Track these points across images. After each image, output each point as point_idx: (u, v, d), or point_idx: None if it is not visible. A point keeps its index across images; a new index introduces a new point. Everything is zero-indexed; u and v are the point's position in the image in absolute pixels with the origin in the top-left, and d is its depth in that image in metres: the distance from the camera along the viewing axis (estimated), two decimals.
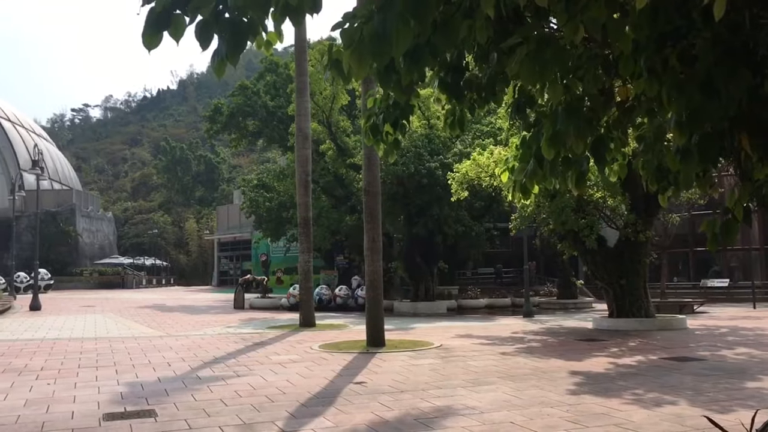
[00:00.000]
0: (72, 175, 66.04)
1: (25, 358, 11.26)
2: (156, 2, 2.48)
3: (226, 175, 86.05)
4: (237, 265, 54.44)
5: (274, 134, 33.11)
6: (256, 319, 20.41)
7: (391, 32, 2.43)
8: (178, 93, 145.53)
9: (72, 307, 26.37)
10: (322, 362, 10.62)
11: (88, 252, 55.84)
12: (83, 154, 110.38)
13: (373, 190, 13.49)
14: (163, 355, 11.72)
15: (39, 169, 28.02)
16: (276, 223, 28.84)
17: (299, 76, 18.62)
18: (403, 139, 4.66)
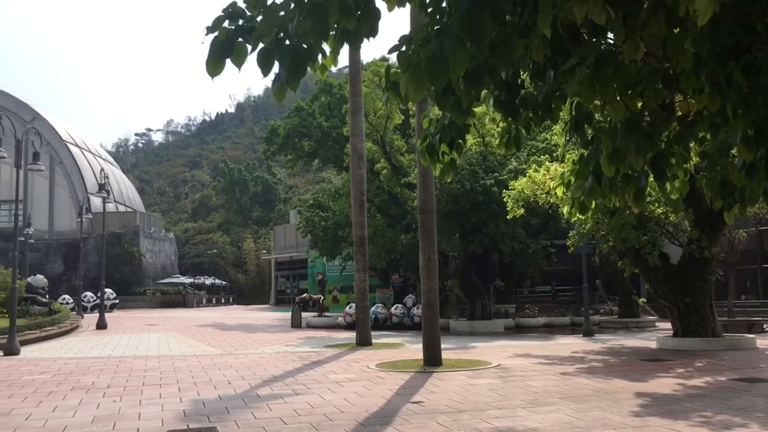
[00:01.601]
0: (136, 197, 68.11)
1: (92, 376, 11.60)
2: (219, 31, 2.57)
3: (282, 196, 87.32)
4: (294, 284, 55.02)
5: (329, 154, 33.52)
6: (313, 337, 20.56)
7: (448, 55, 2.47)
8: (236, 116, 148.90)
9: (136, 325, 27.07)
10: (380, 381, 10.61)
11: (150, 272, 57.34)
12: (146, 177, 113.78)
13: (428, 209, 13.49)
14: (223, 373, 11.91)
15: (105, 192, 29.03)
16: (331, 243, 29.09)
17: (353, 96, 18.84)
18: (458, 158, 4.67)
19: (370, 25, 2.85)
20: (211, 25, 2.53)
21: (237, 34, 2.56)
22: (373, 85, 23.79)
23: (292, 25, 2.47)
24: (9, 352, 15.29)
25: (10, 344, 15.46)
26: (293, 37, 2.57)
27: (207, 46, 2.63)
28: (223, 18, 2.56)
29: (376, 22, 2.91)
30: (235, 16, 2.56)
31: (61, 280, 48.31)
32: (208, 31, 2.61)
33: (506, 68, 3.32)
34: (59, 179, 54.69)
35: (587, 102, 3.45)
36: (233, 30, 2.55)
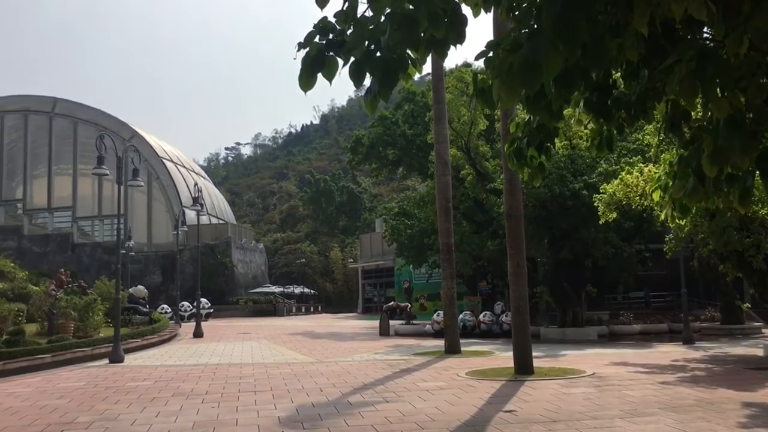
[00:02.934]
0: (227, 209, 70.39)
1: (191, 383, 12.04)
2: (310, 47, 2.63)
3: (367, 204, 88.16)
4: (381, 292, 55.34)
5: (413, 162, 33.61)
6: (401, 345, 20.60)
7: (541, 59, 2.43)
8: (321, 127, 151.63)
9: (230, 334, 27.90)
10: (470, 389, 10.51)
11: (242, 281, 59.04)
12: (236, 189, 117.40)
13: (515, 214, 13.29)
14: (315, 380, 12.10)
15: (199, 206, 30.14)
16: (418, 250, 29.09)
17: (437, 103, 18.82)
18: (547, 162, 4.59)
19: (457, 32, 2.85)
20: (303, 41, 2.59)
21: (328, 48, 2.61)
22: (456, 92, 23.70)
23: (383, 37, 2.50)
24: (114, 359, 16.08)
25: (115, 352, 16.26)
26: (384, 49, 2.59)
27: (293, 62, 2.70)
28: (314, 33, 2.62)
29: (463, 28, 2.90)
30: (325, 31, 2.61)
31: (160, 291, 50.42)
32: (299, 47, 2.67)
33: (599, 69, 3.23)
34: (156, 194, 57.24)
35: (689, 101, 3.31)
36: (324, 44, 2.61)
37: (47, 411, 9.18)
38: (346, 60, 2.60)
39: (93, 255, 56.36)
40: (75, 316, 19.28)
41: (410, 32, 2.47)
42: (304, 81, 2.69)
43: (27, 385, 12.17)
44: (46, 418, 8.67)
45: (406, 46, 2.59)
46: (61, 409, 9.33)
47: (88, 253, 56.76)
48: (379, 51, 2.60)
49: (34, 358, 15.02)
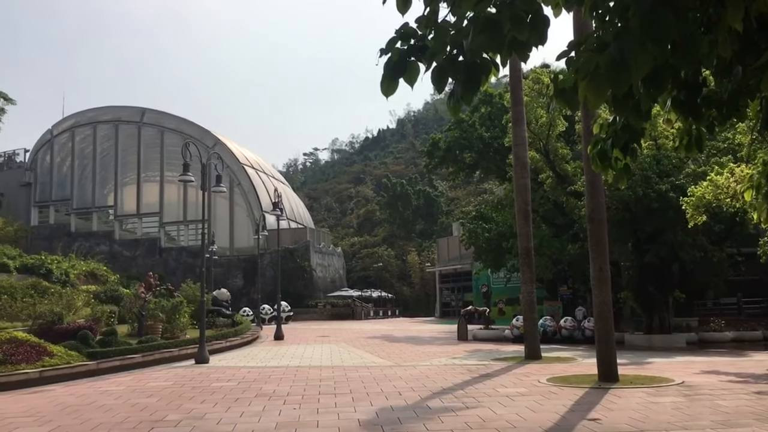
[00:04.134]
0: (305, 214, 71.59)
1: (273, 384, 12.30)
2: (392, 52, 2.65)
3: (444, 208, 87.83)
4: (458, 297, 55.00)
5: (490, 165, 33.29)
6: (480, 350, 20.41)
7: (629, 59, 2.36)
8: (397, 131, 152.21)
9: (309, 337, 28.35)
10: (552, 396, 10.31)
11: (321, 285, 59.89)
12: (314, 194, 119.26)
13: (598, 217, 12.96)
14: (393, 384, 12.13)
15: (278, 210, 30.83)
16: (496, 254, 28.76)
17: (515, 105, 18.59)
18: (632, 163, 4.45)
19: (539, 34, 2.81)
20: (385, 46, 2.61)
21: (409, 53, 2.62)
22: (533, 94, 23.31)
23: (465, 41, 2.49)
24: (200, 360, 16.62)
25: (200, 353, 16.80)
26: (467, 53, 2.58)
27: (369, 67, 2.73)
28: (396, 39, 2.63)
29: (545, 30, 2.86)
30: (407, 37, 2.63)
31: (242, 294, 51.73)
32: (381, 53, 2.70)
33: (689, 67, 3.11)
34: (238, 199, 58.81)
35: None
36: (405, 50, 2.62)
37: (138, 409, 9.57)
38: (427, 65, 2.61)
39: (179, 259, 58.44)
40: (163, 318, 20.04)
41: (493, 36, 2.45)
42: (386, 86, 2.71)
43: (119, 384, 12.73)
44: (137, 415, 9.04)
45: (489, 49, 2.57)
46: (151, 407, 9.71)
47: (174, 257, 58.89)
48: (462, 55, 2.59)
49: (125, 357, 15.71)
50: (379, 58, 2.68)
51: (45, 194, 64.63)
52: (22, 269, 29.27)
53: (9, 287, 21.18)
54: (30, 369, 13.01)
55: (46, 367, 13.37)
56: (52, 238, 59.88)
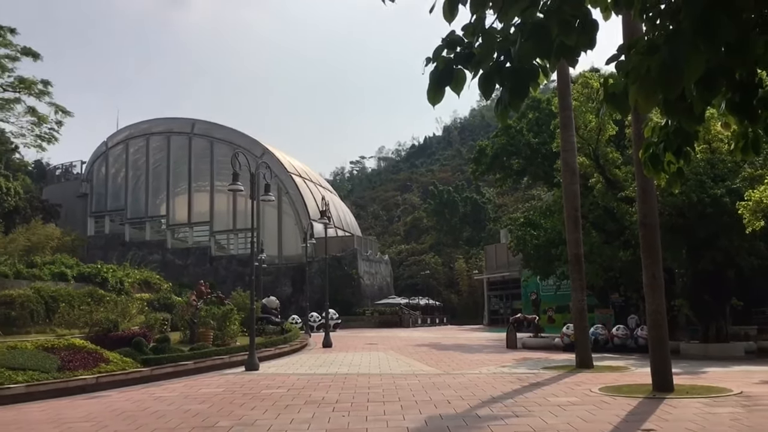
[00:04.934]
0: (352, 222, 71.98)
1: (322, 391, 12.37)
2: (438, 61, 2.65)
3: (492, 215, 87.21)
4: (507, 304, 54.47)
5: (538, 171, 32.95)
6: (529, 358, 20.16)
7: (681, 61, 2.31)
8: (443, 138, 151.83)
9: (357, 344, 28.42)
10: (604, 406, 10.10)
11: (368, 293, 60.07)
12: (361, 202, 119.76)
13: (650, 223, 12.68)
14: (442, 392, 12.07)
15: (326, 219, 31.05)
16: (544, 261, 28.40)
17: (563, 110, 18.36)
18: (686, 167, 4.35)
19: (588, 38, 2.77)
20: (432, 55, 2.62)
21: (456, 61, 2.62)
22: (582, 98, 23.00)
23: (513, 48, 2.48)
24: (250, 367, 16.83)
25: (250, 360, 17.02)
26: (515, 60, 2.57)
27: (414, 75, 2.74)
28: (442, 47, 2.64)
29: (594, 34, 2.82)
30: (453, 45, 2.63)
31: (290, 302, 52.24)
32: (427, 62, 2.70)
33: (744, 69, 3.03)
34: (286, 208, 59.50)
35: None
36: (452, 58, 2.62)
37: (190, 415, 9.74)
38: (474, 72, 2.60)
39: (229, 267, 59.37)
40: (214, 325, 20.36)
41: (541, 41, 2.43)
42: (432, 95, 2.71)
43: (172, 390, 12.98)
44: (190, 421, 9.19)
45: (537, 55, 2.55)
46: (203, 413, 9.87)
47: (224, 265, 59.85)
48: (509, 62, 2.58)
49: (178, 364, 16.01)
50: (425, 67, 2.69)
51: (101, 205, 66.52)
52: (80, 278, 30.15)
53: (67, 295, 21.83)
54: (87, 375, 13.37)
55: (103, 374, 13.72)
56: (108, 247, 61.57)
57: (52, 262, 32.58)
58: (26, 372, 12.46)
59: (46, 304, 20.44)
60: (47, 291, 21.50)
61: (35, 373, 12.57)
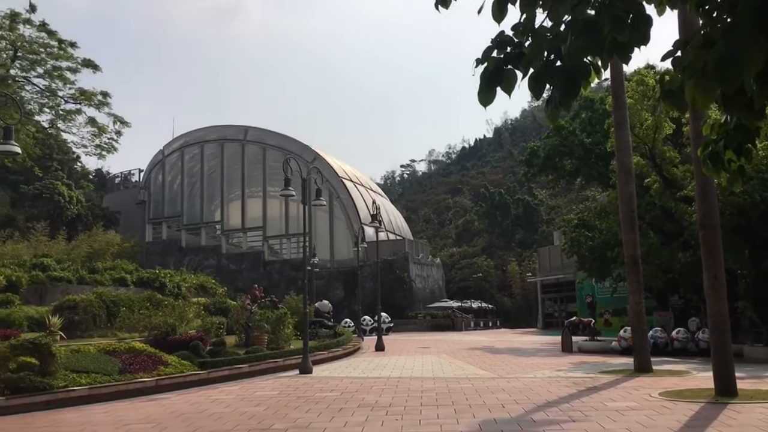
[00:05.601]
0: (403, 225, 71.97)
1: (375, 395, 12.40)
2: (488, 61, 2.63)
3: (544, 217, 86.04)
4: (561, 307, 53.61)
5: (592, 172, 32.32)
6: (585, 362, 19.80)
7: (739, 55, 2.24)
8: (494, 140, 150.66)
9: (410, 348, 28.40)
10: (665, 411, 9.84)
11: (420, 296, 59.91)
12: (412, 206, 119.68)
13: (710, 223, 12.31)
14: (496, 396, 11.96)
15: (377, 223, 31.16)
16: (600, 263, 27.82)
17: (617, 109, 18.00)
18: (747, 165, 4.21)
19: (642, 34, 2.71)
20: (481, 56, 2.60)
21: (506, 61, 2.59)
22: (637, 96, 22.47)
23: (563, 46, 2.44)
24: (303, 370, 17.00)
25: (304, 364, 17.18)
26: (565, 58, 2.53)
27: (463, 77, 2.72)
28: (492, 48, 2.61)
29: (648, 30, 2.76)
30: (503, 45, 2.60)
31: (342, 305, 52.48)
32: (477, 63, 2.68)
33: None
34: (337, 212, 59.87)
35: None
36: (502, 58, 2.59)
37: (246, 417, 9.89)
38: (524, 72, 2.56)
39: (282, 271, 60.05)
40: (268, 329, 20.64)
41: (592, 38, 2.38)
42: (483, 96, 2.69)
43: (228, 393, 13.20)
44: (246, 423, 9.33)
45: (588, 53, 2.50)
46: (259, 416, 10.00)
47: (278, 270, 60.57)
48: (560, 60, 2.54)
49: (233, 367, 16.29)
50: (475, 68, 2.67)
51: (158, 211, 68.18)
52: (139, 283, 30.97)
53: (127, 300, 22.44)
54: (147, 378, 13.71)
55: (162, 376, 14.06)
56: (165, 252, 63.04)
57: (112, 267, 33.56)
58: (89, 375, 12.86)
59: (108, 309, 21.02)
60: (108, 296, 22.13)
61: (98, 375, 12.96)
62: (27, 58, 18.05)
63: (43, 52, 18.11)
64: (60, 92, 18.68)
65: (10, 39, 17.85)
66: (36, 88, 18.71)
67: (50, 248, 40.21)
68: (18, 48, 17.81)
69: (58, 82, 18.50)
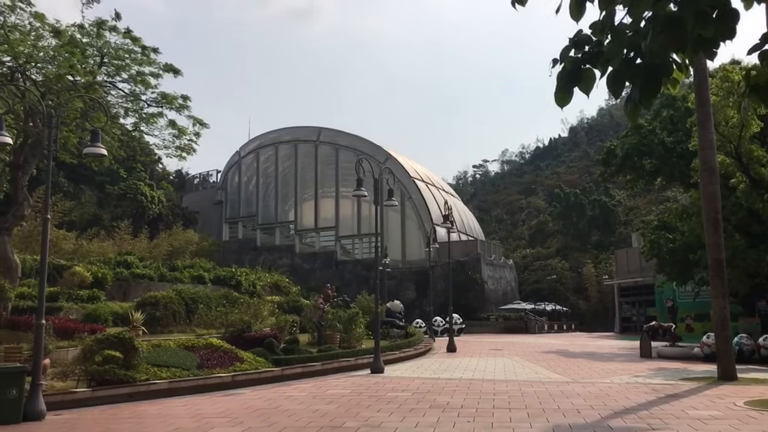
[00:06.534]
0: (475, 226, 71.40)
1: (446, 396, 12.35)
2: (565, 61, 2.57)
3: (622, 218, 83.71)
4: (640, 311, 52.03)
5: (673, 172, 31.20)
6: (665, 369, 19.14)
7: None
8: (569, 140, 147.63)
9: (482, 349, 28.15)
10: (750, 421, 9.41)
11: (492, 298, 59.30)
12: (484, 206, 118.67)
13: None
14: (571, 401, 11.71)
15: (449, 223, 30.99)
16: (681, 266, 26.86)
17: (700, 106, 17.33)
18: None
19: (728, 29, 2.59)
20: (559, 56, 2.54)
21: (584, 61, 2.53)
22: (722, 93, 21.56)
23: (644, 43, 2.36)
24: (375, 370, 17.09)
25: (375, 363, 17.28)
26: (646, 55, 2.44)
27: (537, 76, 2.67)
28: (569, 48, 2.55)
29: (734, 24, 2.63)
30: (580, 44, 2.53)
31: (414, 306, 52.48)
32: (554, 63, 2.63)
33: None
34: (409, 212, 59.92)
35: None
36: (579, 58, 2.53)
37: (319, 415, 10.03)
38: (603, 71, 2.49)
39: (354, 271, 60.59)
40: (340, 328, 20.86)
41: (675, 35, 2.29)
42: (560, 96, 2.63)
43: (301, 390, 13.43)
44: (318, 421, 9.46)
45: (671, 49, 2.41)
46: (331, 414, 10.13)
47: (350, 270, 61.15)
48: (640, 58, 2.46)
49: (306, 365, 16.55)
50: (552, 69, 2.62)
51: (234, 211, 70.00)
52: (216, 281, 31.89)
53: (205, 297, 23.12)
54: (224, 373, 14.09)
55: (237, 372, 14.42)
56: (241, 251, 64.67)
57: (191, 265, 34.68)
58: (169, 369, 13.33)
59: (186, 306, 21.71)
60: (187, 293, 22.86)
61: (177, 370, 13.41)
62: (112, 64, 18.80)
63: (128, 57, 18.83)
64: (143, 96, 19.37)
65: (97, 46, 18.63)
66: (121, 93, 19.45)
67: (133, 246, 41.92)
68: (104, 54, 18.57)
69: (141, 86, 19.18)
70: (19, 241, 28.59)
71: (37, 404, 10.12)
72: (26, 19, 18.31)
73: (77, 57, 17.77)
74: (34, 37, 18.27)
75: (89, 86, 17.75)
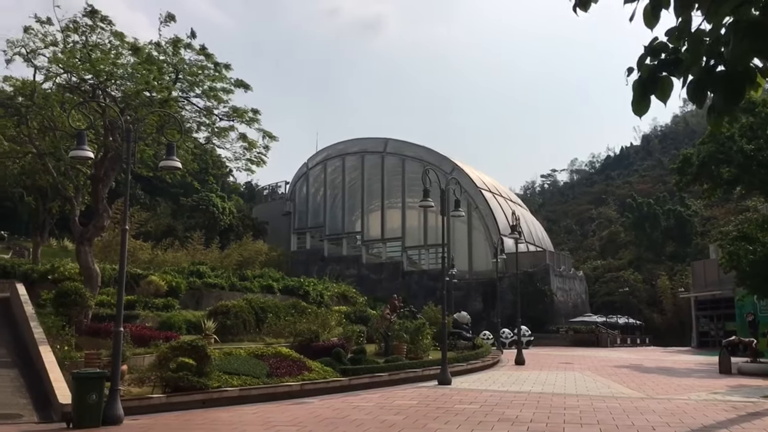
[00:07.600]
0: (544, 236, 70.21)
1: (515, 410, 12.15)
2: (642, 69, 2.51)
3: (699, 229, 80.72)
4: (718, 326, 50.02)
5: (753, 180, 29.94)
6: (746, 386, 18.31)
7: None
8: (642, 148, 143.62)
9: (551, 363, 27.59)
10: None
11: (562, 310, 58.10)
12: (552, 217, 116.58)
13: None
14: (645, 417, 11.34)
15: (516, 234, 30.63)
16: (763, 279, 25.66)
17: None
18: None
19: None
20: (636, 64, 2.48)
21: (661, 68, 2.46)
22: None
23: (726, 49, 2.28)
24: (442, 381, 16.98)
25: (443, 375, 17.17)
26: (729, 62, 2.36)
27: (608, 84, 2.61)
28: (645, 55, 2.49)
29: None
30: (657, 52, 2.47)
31: (481, 317, 51.90)
32: (629, 72, 2.57)
33: None
34: (475, 223, 59.44)
35: None
36: (656, 65, 2.47)
37: (386, 425, 10.03)
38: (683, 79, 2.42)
39: (420, 282, 60.45)
40: (407, 339, 20.84)
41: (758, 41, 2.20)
42: (637, 105, 2.57)
43: (368, 400, 13.46)
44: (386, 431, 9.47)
45: (754, 55, 2.32)
46: (398, 425, 10.11)
47: (416, 280, 61.04)
48: (721, 65, 2.37)
49: (373, 376, 16.59)
50: (627, 77, 2.56)
51: (302, 222, 71.05)
52: (284, 290, 32.41)
53: (274, 306, 23.51)
54: (293, 382, 14.29)
55: (306, 381, 14.60)
56: (308, 262, 65.56)
57: (260, 275, 35.36)
58: (240, 377, 13.61)
59: (256, 315, 22.12)
60: (257, 302, 23.30)
61: (248, 378, 13.68)
62: (186, 80, 19.44)
63: (201, 74, 19.43)
64: (215, 111, 19.93)
65: (173, 62, 19.29)
66: (194, 108, 20.08)
67: (205, 256, 43.07)
68: (179, 71, 19.22)
69: (214, 101, 19.76)
70: (99, 251, 29.78)
71: (115, 409, 10.50)
72: (107, 38, 19.17)
73: (154, 74, 18.47)
74: (114, 55, 19.10)
75: (165, 102, 18.39)
